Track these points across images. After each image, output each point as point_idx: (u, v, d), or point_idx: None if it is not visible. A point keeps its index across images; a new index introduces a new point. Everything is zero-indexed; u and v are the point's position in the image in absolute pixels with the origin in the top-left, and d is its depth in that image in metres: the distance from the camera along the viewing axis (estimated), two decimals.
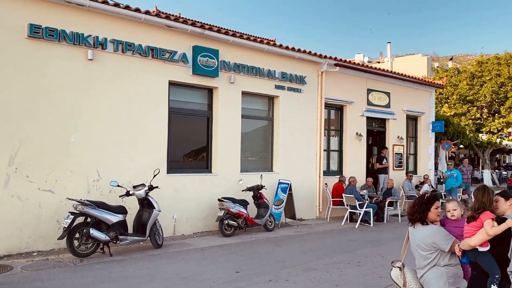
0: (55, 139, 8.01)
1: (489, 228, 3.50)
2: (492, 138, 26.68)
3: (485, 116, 29.27)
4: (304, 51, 11.89)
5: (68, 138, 8.14)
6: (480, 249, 3.57)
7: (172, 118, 9.79)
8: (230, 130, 10.62)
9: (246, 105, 11.16)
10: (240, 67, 10.73)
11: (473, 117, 28.56)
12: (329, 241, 9.51)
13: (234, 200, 9.76)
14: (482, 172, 27.01)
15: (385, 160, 14.70)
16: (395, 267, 4.05)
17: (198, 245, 8.75)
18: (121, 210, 7.90)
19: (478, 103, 28.76)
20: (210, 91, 10.52)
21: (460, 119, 26.87)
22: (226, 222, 9.48)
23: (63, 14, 8.08)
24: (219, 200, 9.60)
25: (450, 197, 4.15)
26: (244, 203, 9.92)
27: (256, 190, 10.25)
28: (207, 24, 10.19)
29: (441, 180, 18.15)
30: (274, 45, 11.27)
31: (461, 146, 24.71)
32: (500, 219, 3.57)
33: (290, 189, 11.01)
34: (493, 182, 26.60)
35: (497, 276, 3.49)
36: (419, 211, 3.89)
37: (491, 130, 27.49)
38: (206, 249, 8.40)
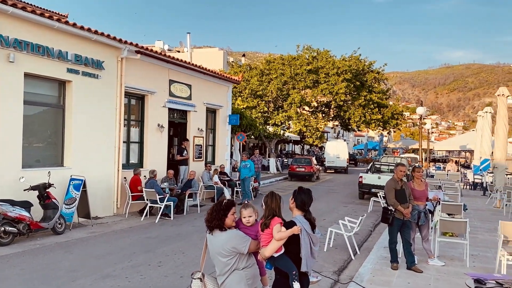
0: None
1: (276, 234, 3.67)
2: (277, 130, 30.01)
3: (271, 110, 32.75)
4: (102, 34, 10.84)
5: None
6: (275, 254, 3.73)
7: None
8: (8, 119, 8.89)
9: (31, 89, 9.55)
10: (22, 44, 9.06)
11: (261, 110, 31.62)
12: (127, 240, 8.95)
13: (13, 202, 8.27)
14: (268, 160, 30.10)
15: (185, 152, 14.81)
16: (195, 278, 3.88)
17: None
18: None
19: (266, 98, 31.96)
20: None
21: (251, 112, 29.36)
22: (3, 228, 7.92)
23: None
24: None
25: (246, 202, 4.16)
26: (26, 205, 8.49)
27: (43, 189, 8.90)
28: None
29: (236, 169, 19.46)
30: (67, 23, 9.91)
31: (252, 137, 27.01)
32: (288, 223, 3.77)
33: (85, 186, 9.97)
34: (277, 169, 30.01)
35: (294, 272, 3.69)
36: (217, 217, 3.81)
37: (276, 122, 30.94)
38: None
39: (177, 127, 15.86)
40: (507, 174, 17.32)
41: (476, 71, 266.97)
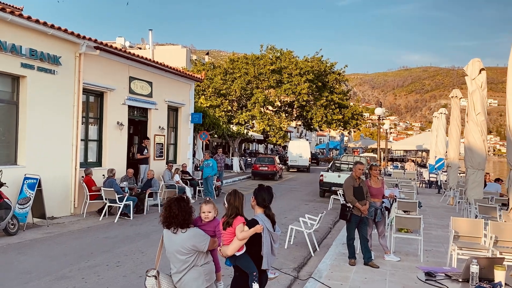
0: None
1: (239, 233, 3.69)
2: (241, 129, 30.04)
3: (235, 109, 32.74)
4: (59, 28, 10.50)
5: None
6: (237, 253, 3.74)
7: None
8: None
9: None
10: None
11: (225, 109, 31.55)
12: (85, 241, 8.71)
13: None
14: (232, 159, 30.08)
15: (146, 150, 14.57)
16: (149, 276, 3.81)
17: None
18: None
19: (230, 97, 31.91)
20: None
21: (215, 111, 29.24)
22: None
23: None
24: None
25: (207, 198, 4.14)
26: None
27: None
28: None
29: (198, 168, 19.32)
30: (21, 16, 9.52)
31: (216, 135, 26.89)
32: (250, 222, 3.80)
33: (40, 185, 9.63)
34: (241, 168, 30.04)
35: (254, 274, 3.73)
36: (183, 216, 3.75)
37: (240, 121, 30.96)
38: None
39: (137, 125, 15.57)
40: (459, 173, 18.09)
41: (432, 74, 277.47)
